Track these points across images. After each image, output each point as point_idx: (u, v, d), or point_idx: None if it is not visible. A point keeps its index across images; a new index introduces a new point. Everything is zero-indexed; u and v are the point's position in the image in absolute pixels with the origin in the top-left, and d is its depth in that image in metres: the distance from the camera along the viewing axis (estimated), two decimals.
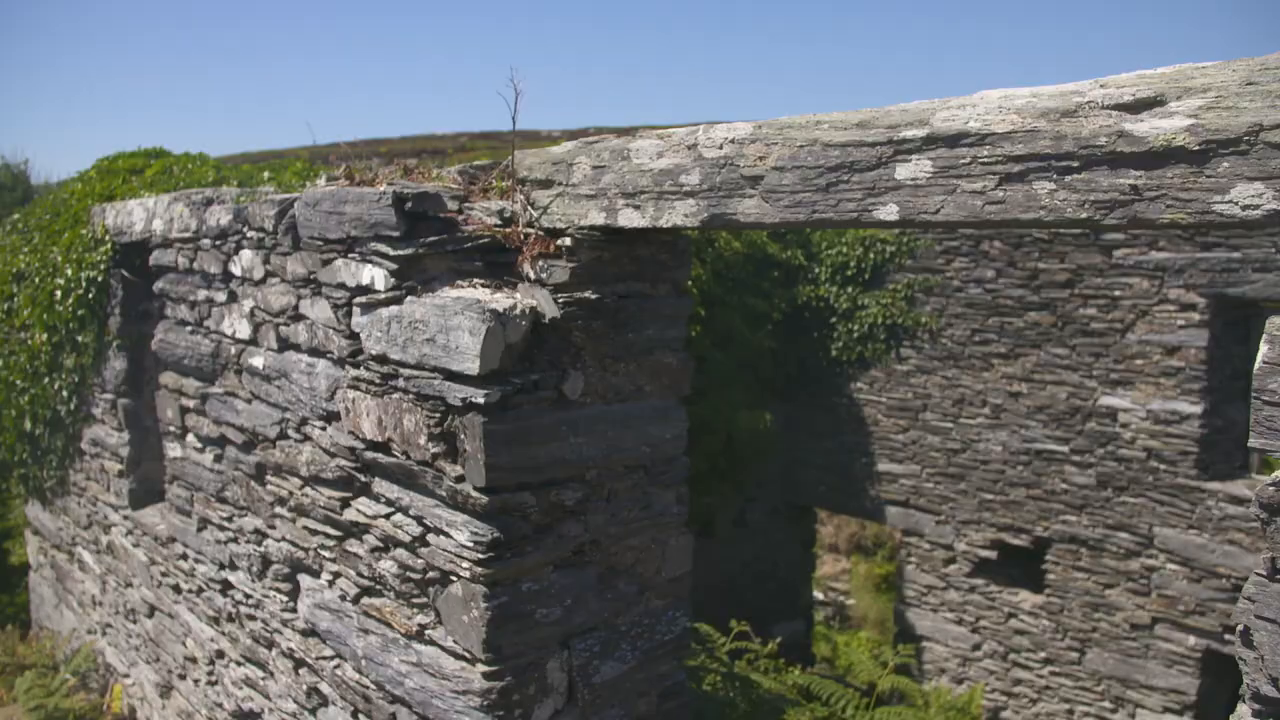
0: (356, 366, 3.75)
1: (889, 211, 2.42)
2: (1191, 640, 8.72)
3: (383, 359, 3.58)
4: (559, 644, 3.49)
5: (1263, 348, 1.77)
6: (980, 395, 9.81)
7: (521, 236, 3.48)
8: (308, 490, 4.18)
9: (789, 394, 11.26)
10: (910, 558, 10.68)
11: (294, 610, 4.46)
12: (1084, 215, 2.12)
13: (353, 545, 3.93)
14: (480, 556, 3.23)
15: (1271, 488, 1.81)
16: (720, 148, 2.83)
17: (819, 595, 15.48)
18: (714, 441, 9.50)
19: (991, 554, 9.97)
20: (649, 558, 3.70)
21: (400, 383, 3.49)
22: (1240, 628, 1.83)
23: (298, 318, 4.13)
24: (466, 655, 3.39)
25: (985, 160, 2.25)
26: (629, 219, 3.11)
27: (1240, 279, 8.27)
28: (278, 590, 4.55)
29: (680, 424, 3.71)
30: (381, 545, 3.76)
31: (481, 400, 3.14)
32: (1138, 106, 2.07)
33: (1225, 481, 8.49)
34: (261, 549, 4.65)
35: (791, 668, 8.02)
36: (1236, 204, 1.92)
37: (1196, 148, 1.95)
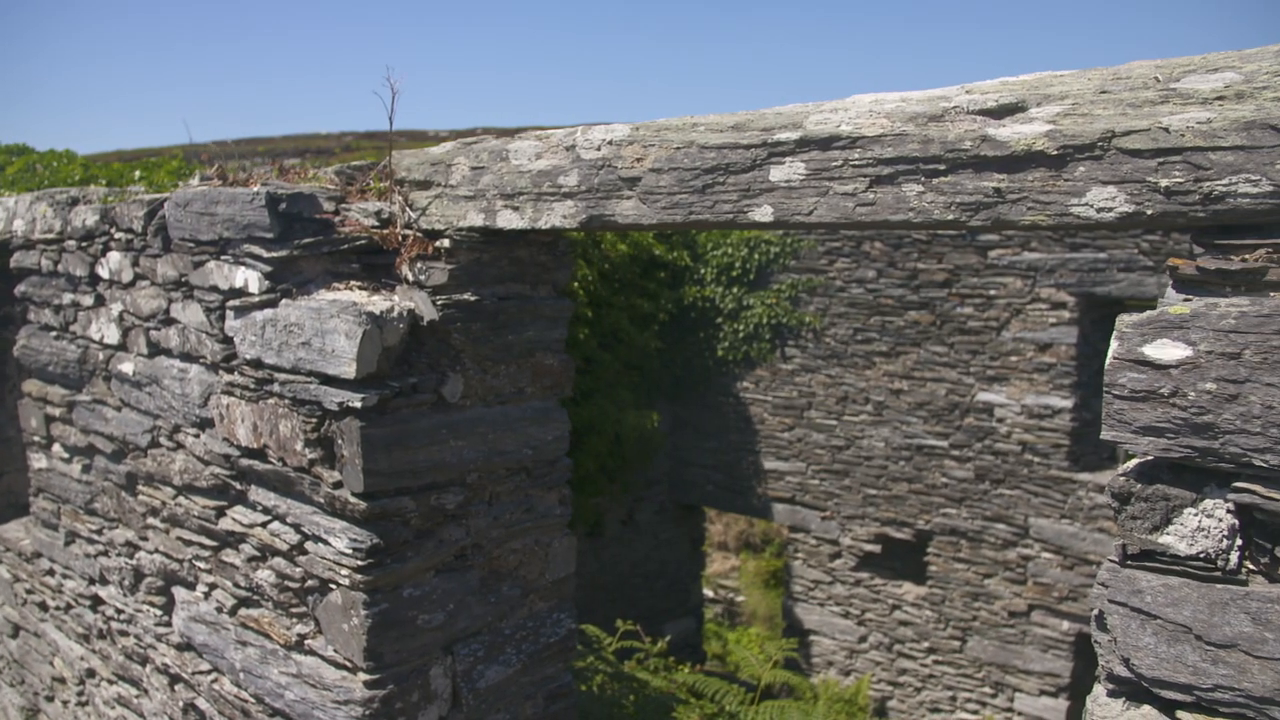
0: (230, 372, 3.65)
1: (764, 213, 2.45)
2: (1065, 625, 9.05)
3: (257, 363, 3.49)
4: (442, 650, 3.44)
5: (1113, 344, 1.84)
6: (863, 393, 10.02)
7: (399, 238, 3.43)
8: (181, 500, 4.05)
9: (676, 394, 11.33)
10: (797, 554, 10.85)
11: (168, 624, 4.31)
12: (950, 217, 2.18)
13: (229, 555, 3.82)
14: (360, 563, 3.17)
15: (1123, 478, 1.88)
16: (598, 149, 2.83)
17: (709, 593, 15.62)
18: (602, 442, 9.51)
19: (876, 548, 10.20)
20: (532, 560, 3.68)
21: (276, 388, 3.41)
22: (1096, 612, 1.90)
23: (169, 322, 4.00)
24: (348, 664, 3.33)
25: (856, 163, 2.29)
26: (508, 220, 3.09)
27: (1106, 278, 8.61)
28: (151, 604, 4.40)
29: (562, 425, 3.70)
30: (259, 554, 3.66)
31: (359, 404, 3.08)
32: (1001, 112, 2.13)
33: (1095, 472, 8.84)
34: (133, 562, 4.48)
35: (681, 666, 8.07)
36: (1092, 206, 1.99)
37: (1055, 152, 2.02)
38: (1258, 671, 1.72)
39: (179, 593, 4.20)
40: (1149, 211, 1.92)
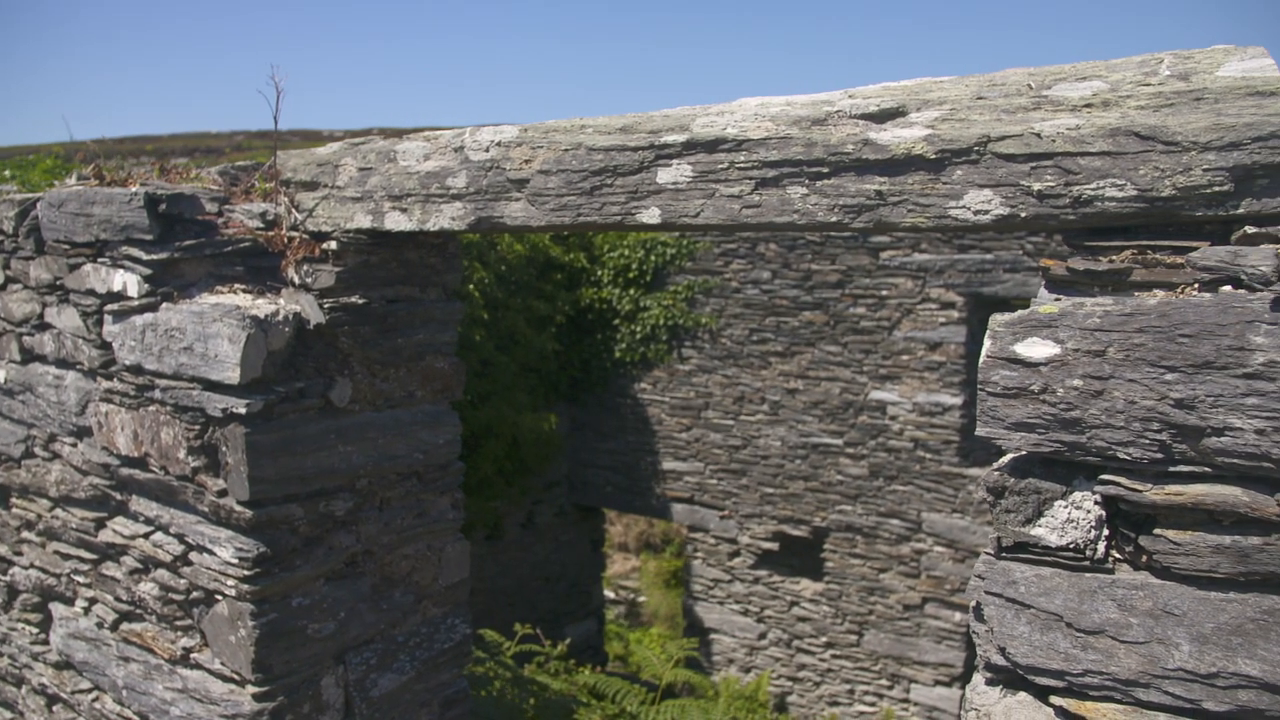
0: (109, 378, 3.53)
1: (651, 215, 2.47)
2: (958, 616, 9.28)
3: (138, 369, 3.38)
4: (334, 659, 3.38)
5: (986, 343, 1.90)
6: (759, 393, 10.14)
7: (285, 240, 3.36)
8: (58, 512, 3.90)
9: (574, 396, 11.32)
10: (696, 553, 10.93)
11: (45, 642, 4.15)
12: (834, 219, 2.21)
13: (110, 568, 3.70)
14: (246, 573, 3.10)
15: (997, 473, 1.94)
16: (487, 150, 2.81)
17: (610, 594, 15.64)
18: (499, 445, 9.45)
19: (773, 545, 10.32)
20: (425, 566, 3.64)
21: (157, 394, 3.31)
22: (974, 604, 1.96)
23: (43, 327, 3.85)
24: (235, 677, 3.25)
25: (742, 165, 2.32)
26: (396, 222, 3.05)
27: (993, 279, 8.85)
28: (26, 622, 4.23)
29: (454, 429, 3.66)
30: (141, 567, 3.55)
31: (243, 410, 3.01)
32: (882, 116, 2.18)
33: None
34: (7, 578, 4.31)
35: (582, 668, 8.06)
36: (969, 209, 2.04)
37: (934, 156, 2.07)
38: (1123, 655, 1.79)
39: (57, 609, 4.05)
40: (1023, 214, 1.98)
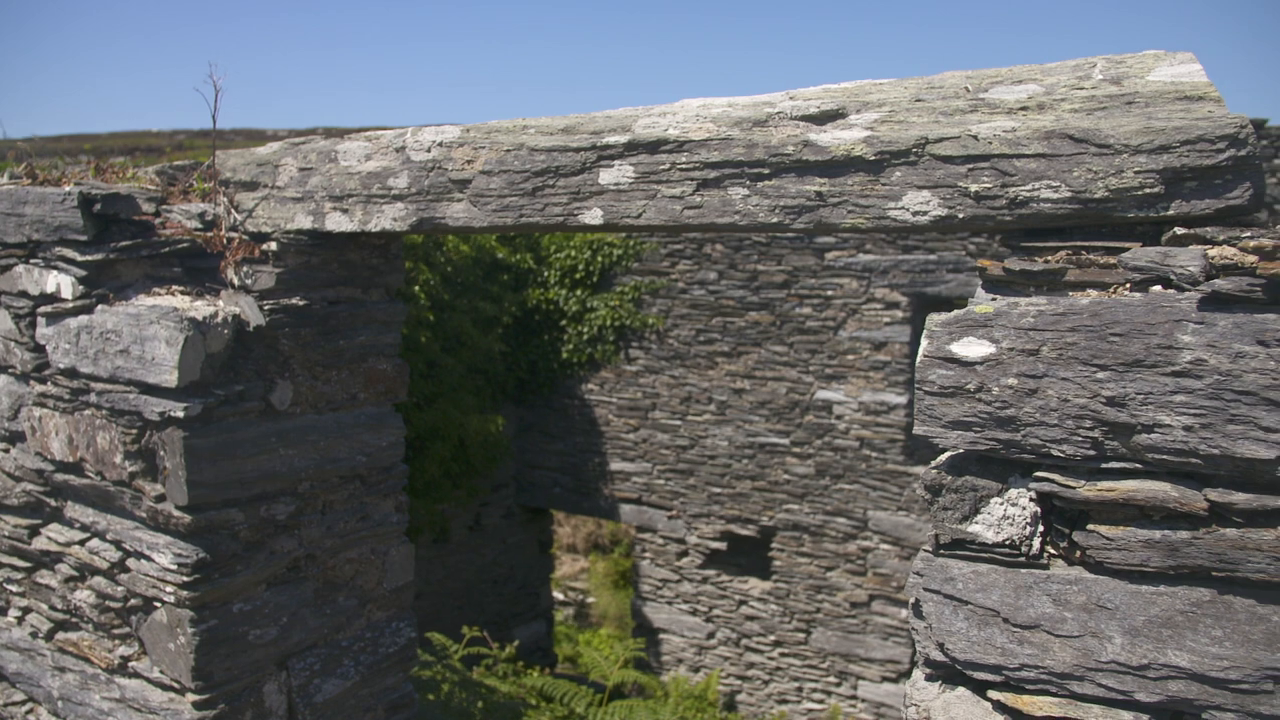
0: (43, 382, 3.46)
1: (594, 216, 2.47)
2: (904, 613, 9.38)
3: (72, 373, 3.31)
4: (276, 665, 3.34)
5: (923, 343, 1.92)
6: (706, 393, 10.17)
7: (224, 241, 3.32)
8: None
9: (521, 397, 11.28)
10: (645, 553, 10.94)
11: None
12: (775, 220, 2.23)
13: (44, 576, 3.62)
14: (185, 579, 3.05)
15: (934, 471, 1.96)
16: (429, 151, 2.79)
17: (559, 595, 15.60)
18: (446, 447, 9.39)
19: (721, 545, 10.35)
20: (369, 569, 3.61)
21: (92, 398, 3.25)
22: (913, 601, 1.98)
23: None
24: (175, 685, 3.20)
25: (684, 166, 2.32)
26: (337, 223, 3.03)
27: (937, 279, 8.96)
28: None
29: (397, 431, 3.64)
30: (77, 574, 3.48)
31: (181, 414, 2.97)
32: (822, 118, 2.20)
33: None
34: None
35: (531, 670, 8.04)
36: (908, 210, 2.07)
37: (873, 158, 2.09)
38: (1058, 649, 1.82)
39: None
40: (960, 215, 2.01)
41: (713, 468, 10.22)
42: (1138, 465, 1.75)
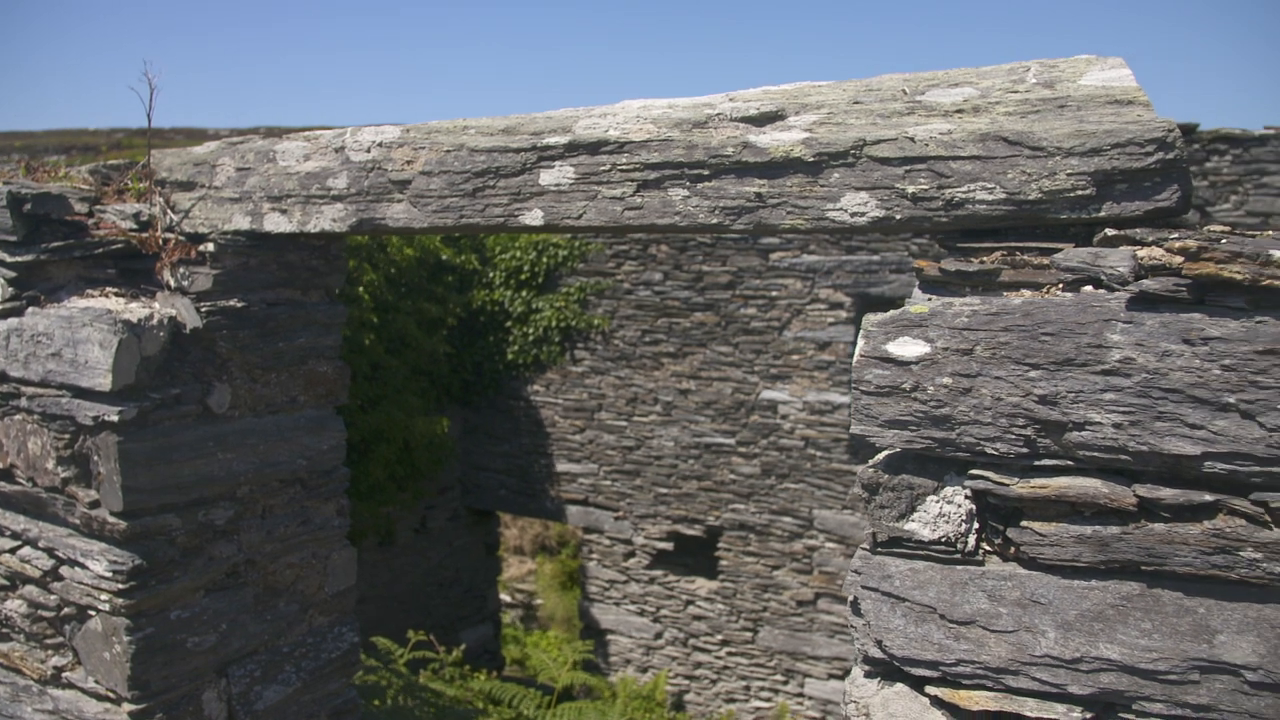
0: None
1: (534, 216, 2.46)
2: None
3: (2, 377, 3.24)
4: (215, 672, 3.29)
5: (860, 342, 1.94)
6: (652, 393, 10.18)
7: (160, 241, 3.26)
8: None
9: (467, 399, 11.23)
10: (592, 554, 10.93)
11: None
12: (715, 221, 2.24)
13: None
14: (121, 587, 3.00)
15: (871, 470, 1.99)
16: (368, 151, 2.77)
17: (506, 598, 15.55)
18: (391, 449, 9.32)
19: (668, 545, 10.38)
20: (310, 574, 3.57)
21: (23, 402, 3.18)
22: (851, 599, 2.00)
23: None
24: (110, 695, 3.14)
25: (624, 167, 2.33)
26: (276, 224, 2.99)
27: (880, 280, 9.05)
28: None
29: (338, 434, 3.60)
30: (7, 583, 3.40)
31: (115, 418, 2.91)
32: (762, 120, 2.21)
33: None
34: None
35: (478, 673, 8.01)
36: (846, 211, 2.09)
37: (812, 159, 2.11)
38: (994, 644, 1.85)
39: None
40: (898, 216, 2.03)
41: (659, 468, 10.24)
42: (1069, 462, 1.78)
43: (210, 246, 3.16)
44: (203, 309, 3.13)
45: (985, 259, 1.93)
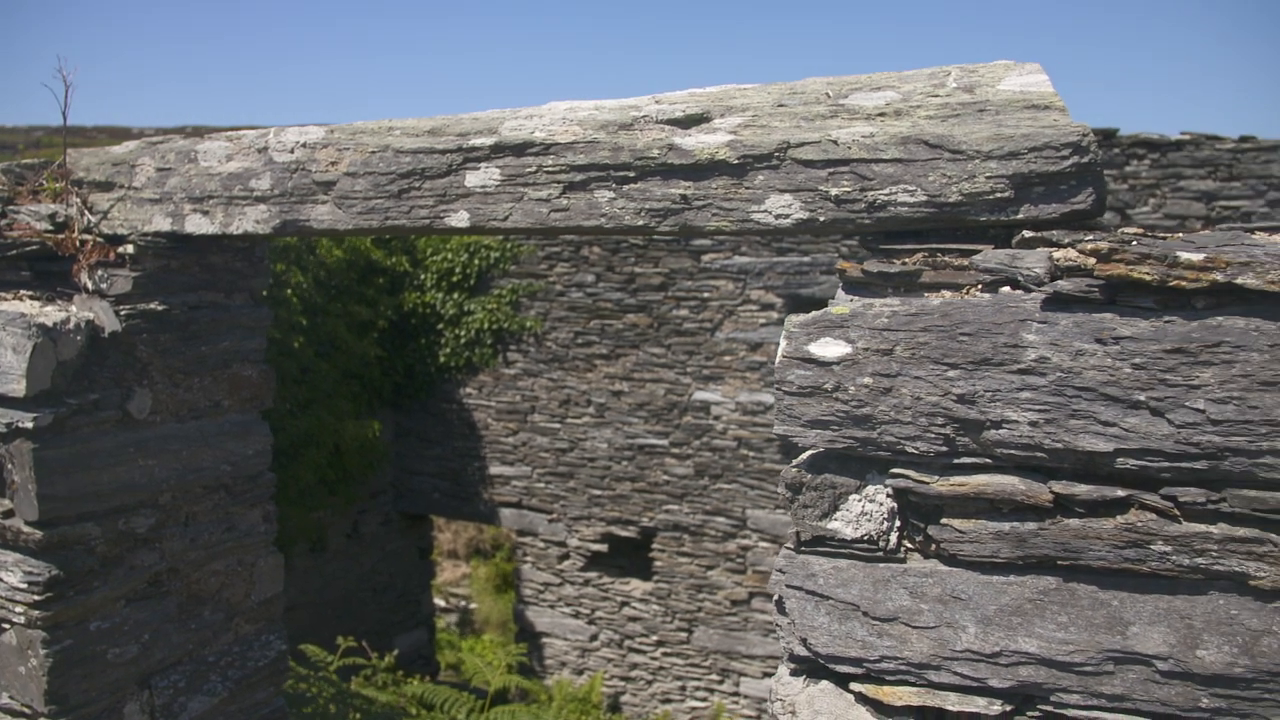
0: None
1: (460, 218, 2.45)
2: None
3: None
4: (137, 684, 3.22)
5: (782, 343, 1.96)
6: (585, 395, 10.17)
7: (77, 243, 3.18)
8: None
9: (398, 402, 11.12)
10: (526, 557, 10.89)
11: None
12: (641, 222, 2.24)
13: None
14: (36, 598, 2.92)
15: (795, 469, 2.00)
16: (292, 152, 2.73)
17: (441, 602, 15.42)
18: (321, 454, 9.21)
19: (603, 547, 10.37)
20: (236, 582, 3.51)
21: None
22: (776, 597, 2.01)
23: None
24: (26, 711, 3.06)
25: (550, 169, 2.32)
26: (197, 225, 2.94)
27: (810, 281, 9.14)
28: None
29: (264, 439, 3.55)
30: None
31: (30, 425, 2.84)
32: (687, 122, 2.23)
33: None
34: None
35: (411, 679, 7.93)
36: (771, 213, 2.11)
37: (736, 161, 2.12)
38: (916, 640, 1.88)
39: None
40: (821, 218, 2.06)
41: (593, 470, 10.24)
42: (988, 460, 1.81)
43: (130, 248, 3.10)
44: (122, 312, 3.06)
45: (907, 260, 1.96)
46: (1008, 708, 1.84)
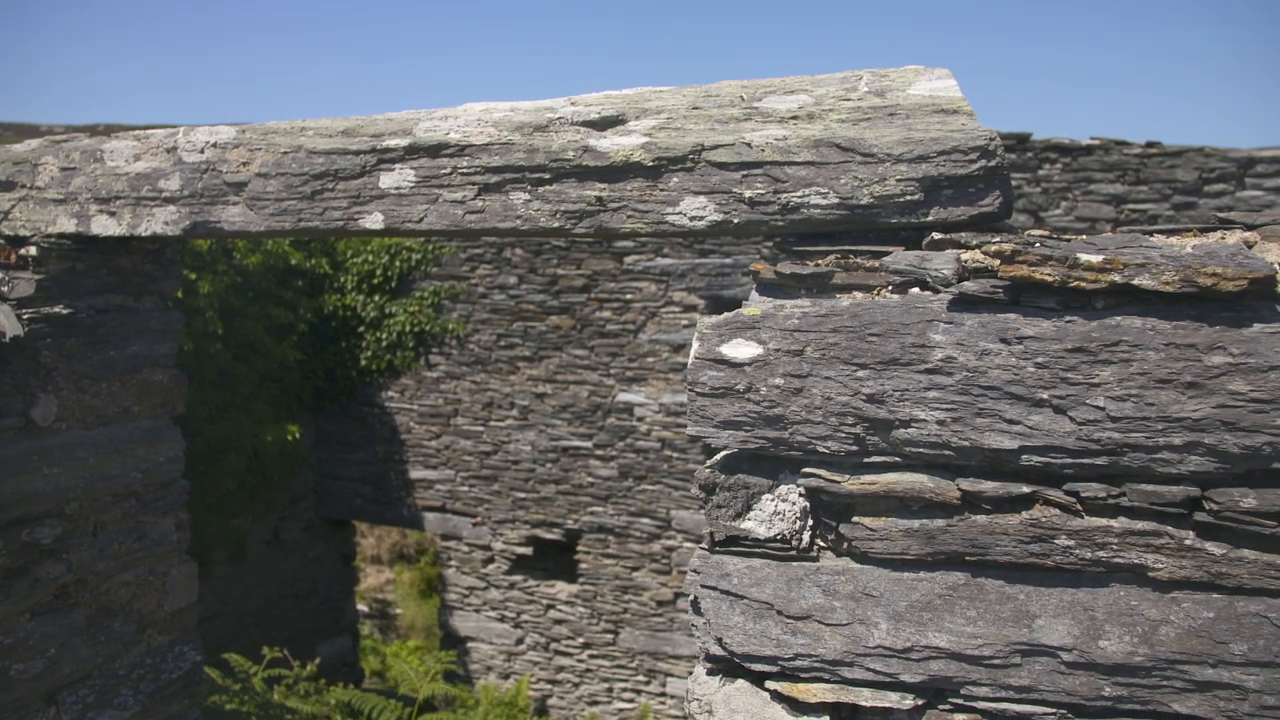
0: None
1: (375, 220, 2.42)
2: None
3: None
4: (44, 700, 3.13)
5: (694, 345, 1.97)
6: (508, 398, 10.12)
7: None
8: None
9: (319, 406, 10.96)
10: (450, 562, 10.80)
11: None
12: (556, 224, 2.24)
13: None
14: None
15: (708, 470, 2.02)
16: (202, 152, 2.68)
17: (364, 608, 15.23)
18: (240, 459, 9.04)
19: (528, 550, 10.32)
20: (148, 592, 3.43)
21: None
22: (692, 598, 2.02)
23: None
24: None
25: (465, 171, 2.31)
26: (104, 226, 2.86)
27: (732, 282, 9.19)
28: None
29: (176, 445, 3.47)
30: None
31: None
32: (603, 124, 2.23)
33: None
34: None
35: (335, 686, 7.82)
36: (685, 215, 2.12)
37: (651, 164, 2.13)
38: (829, 637, 1.90)
39: None
40: (735, 220, 2.07)
41: (516, 473, 10.19)
42: (897, 459, 1.84)
43: (33, 250, 3.01)
44: (25, 316, 2.98)
45: (819, 262, 1.98)
46: (920, 701, 1.87)
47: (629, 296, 9.54)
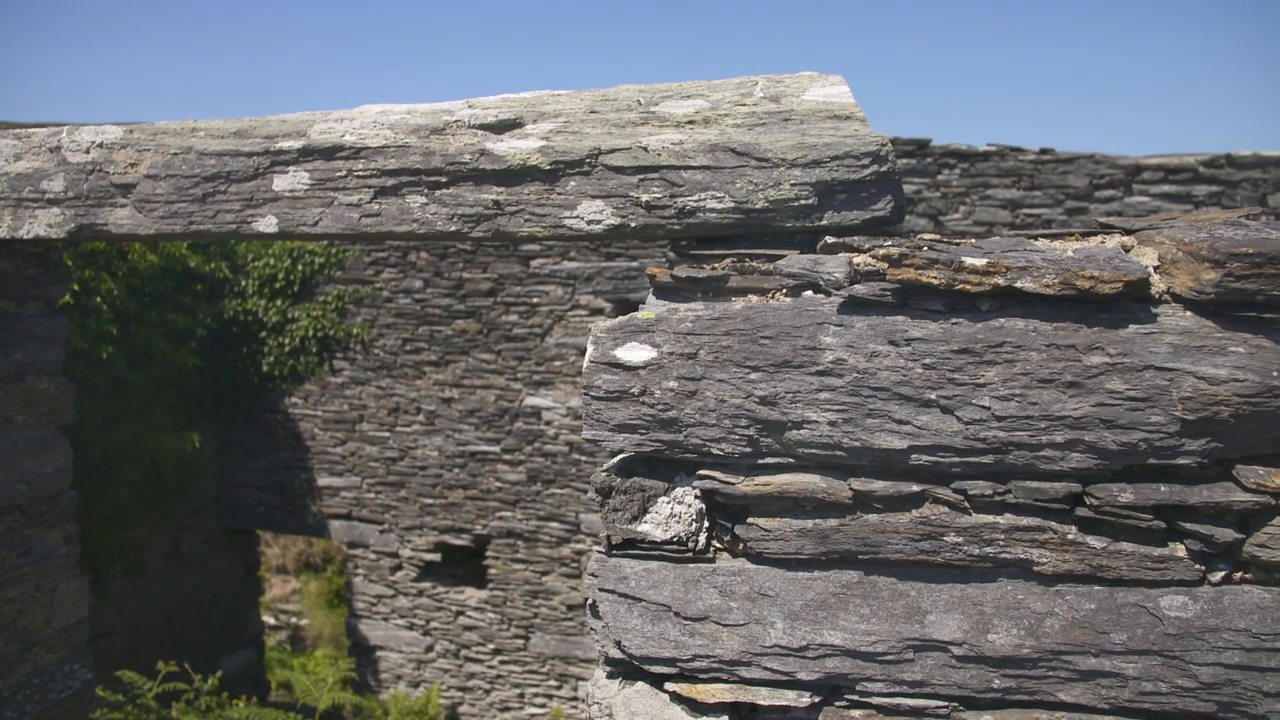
0: None
1: (268, 223, 2.38)
2: None
3: None
4: None
5: (589, 348, 1.98)
6: (415, 403, 10.01)
7: None
8: None
9: (220, 413, 10.70)
10: (358, 570, 10.64)
11: None
12: (453, 228, 2.23)
13: None
14: None
15: (604, 474, 2.02)
16: (88, 152, 2.60)
17: (270, 620, 14.92)
18: (137, 469, 8.78)
19: (436, 556, 10.22)
20: (34, 609, 3.31)
21: None
22: (590, 601, 2.02)
23: None
24: None
25: (361, 174, 2.28)
26: None
27: (639, 285, 9.22)
28: None
29: (63, 455, 3.36)
30: None
31: None
32: (500, 127, 2.22)
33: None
34: None
35: (237, 700, 7.65)
36: (583, 219, 2.12)
37: (548, 167, 2.13)
38: (727, 638, 1.92)
39: None
40: (633, 224, 2.08)
41: (424, 479, 10.08)
42: (791, 460, 1.87)
43: None
44: None
45: (715, 265, 2.00)
46: (816, 699, 1.90)
47: (535, 300, 9.50)
